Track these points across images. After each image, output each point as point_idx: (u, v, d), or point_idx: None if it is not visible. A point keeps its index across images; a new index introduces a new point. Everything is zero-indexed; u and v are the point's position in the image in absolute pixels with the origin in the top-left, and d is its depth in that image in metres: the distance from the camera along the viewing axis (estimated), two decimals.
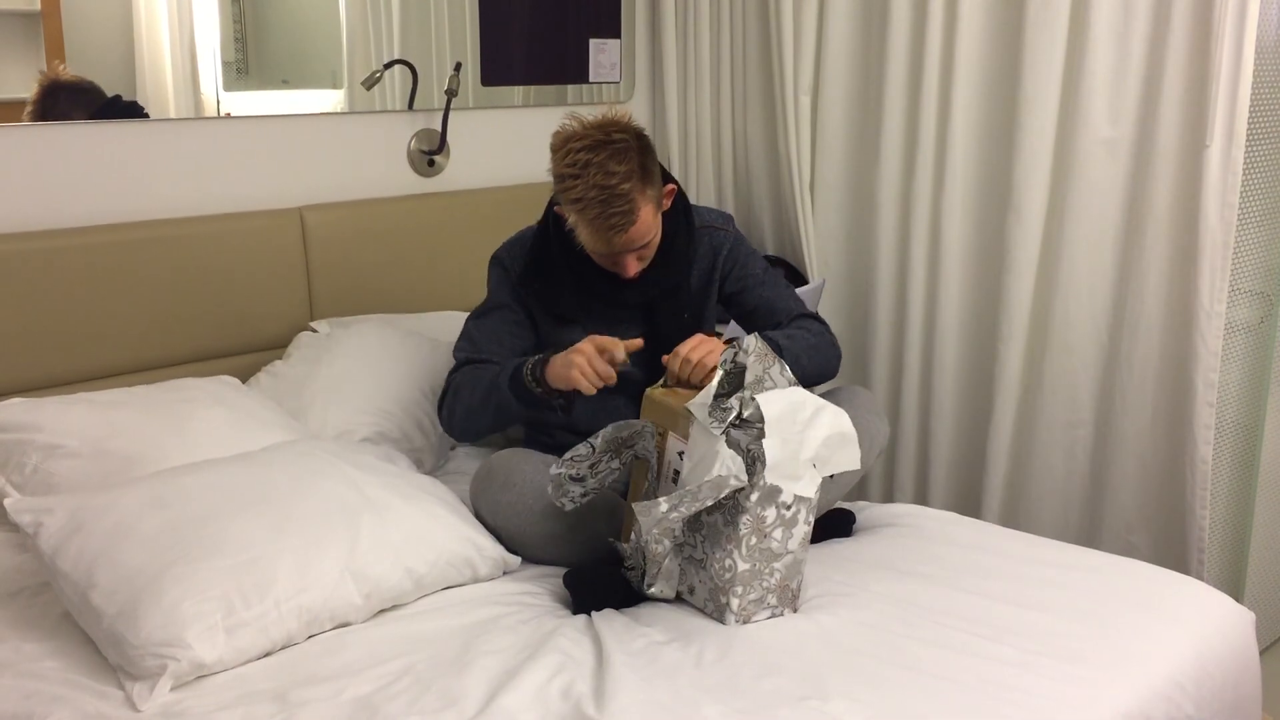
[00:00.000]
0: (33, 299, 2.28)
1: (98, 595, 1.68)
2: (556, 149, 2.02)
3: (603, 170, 1.96)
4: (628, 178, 1.97)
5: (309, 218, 2.66)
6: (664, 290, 2.21)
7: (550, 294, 2.20)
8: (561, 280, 2.19)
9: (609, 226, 2.00)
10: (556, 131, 2.04)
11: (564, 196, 2.02)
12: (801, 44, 3.02)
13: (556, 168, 2.02)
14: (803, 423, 1.78)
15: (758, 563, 1.78)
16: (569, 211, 2.03)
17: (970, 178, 2.81)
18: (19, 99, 2.32)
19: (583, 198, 1.98)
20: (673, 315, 2.23)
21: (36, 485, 2.03)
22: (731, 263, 2.28)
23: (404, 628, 1.80)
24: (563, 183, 2.01)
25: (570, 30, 3.19)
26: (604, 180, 1.96)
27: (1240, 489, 2.69)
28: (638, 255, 2.09)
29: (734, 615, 1.79)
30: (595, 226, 2.01)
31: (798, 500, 1.78)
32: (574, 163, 1.97)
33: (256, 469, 1.94)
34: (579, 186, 1.97)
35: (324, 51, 2.75)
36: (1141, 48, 2.49)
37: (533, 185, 3.11)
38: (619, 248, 2.05)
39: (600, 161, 1.96)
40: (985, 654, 1.68)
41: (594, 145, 1.97)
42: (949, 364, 2.91)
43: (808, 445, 1.78)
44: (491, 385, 2.10)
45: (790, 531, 1.80)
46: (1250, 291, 2.59)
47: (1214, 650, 1.79)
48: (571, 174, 1.98)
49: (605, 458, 1.89)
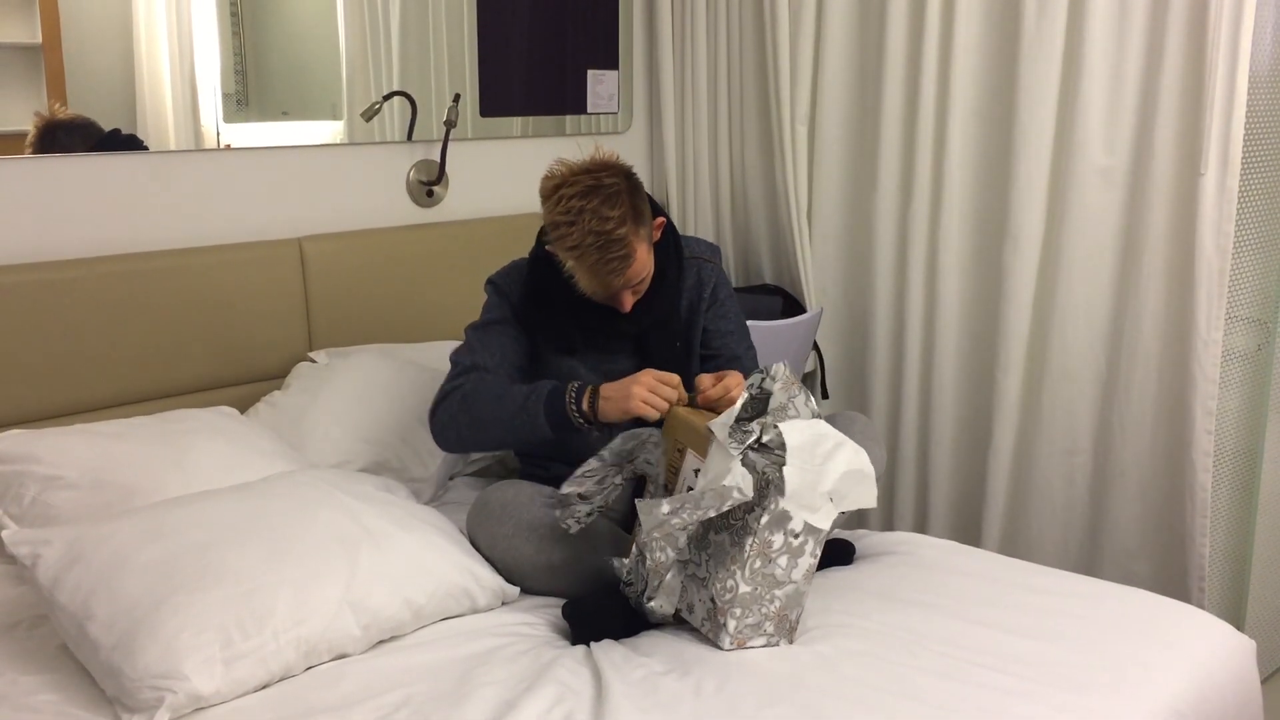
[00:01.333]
0: (31, 330, 2.28)
1: (95, 627, 1.67)
2: (547, 196, 2.03)
3: (597, 216, 1.98)
4: (622, 221, 1.99)
5: (308, 248, 2.67)
6: (656, 320, 2.22)
7: (547, 325, 2.22)
8: (558, 312, 2.20)
9: (608, 270, 2.02)
10: (546, 177, 2.05)
11: (560, 244, 2.03)
12: (798, 74, 3.04)
13: (549, 215, 2.03)
14: (823, 455, 1.79)
15: (759, 587, 1.78)
16: (566, 257, 2.05)
17: (967, 206, 2.82)
18: (20, 131, 2.33)
19: (579, 244, 2.00)
20: (665, 344, 2.25)
21: (34, 517, 2.03)
22: (714, 300, 2.31)
23: (402, 659, 1.79)
24: (557, 230, 2.02)
25: (568, 61, 3.21)
26: (599, 226, 1.98)
27: (1240, 516, 2.69)
28: (633, 290, 2.12)
29: (729, 637, 1.78)
30: (594, 271, 2.03)
31: (807, 530, 1.78)
32: (567, 210, 1.99)
33: (255, 500, 1.94)
34: (574, 234, 1.99)
35: (323, 83, 2.77)
36: (1136, 76, 2.51)
37: (531, 215, 3.11)
38: (617, 288, 2.08)
39: (594, 208, 1.98)
40: (986, 683, 1.68)
41: (585, 191, 1.99)
42: (947, 392, 2.91)
43: (826, 478, 1.78)
44: (518, 406, 2.07)
45: (795, 561, 1.80)
46: (1247, 319, 2.59)
47: (1214, 679, 1.78)
48: (566, 221, 1.99)
49: (611, 472, 1.89)
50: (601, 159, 2.05)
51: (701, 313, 2.30)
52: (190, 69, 2.54)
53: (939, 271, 2.86)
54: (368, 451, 2.42)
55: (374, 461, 2.41)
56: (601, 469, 1.89)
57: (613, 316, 2.18)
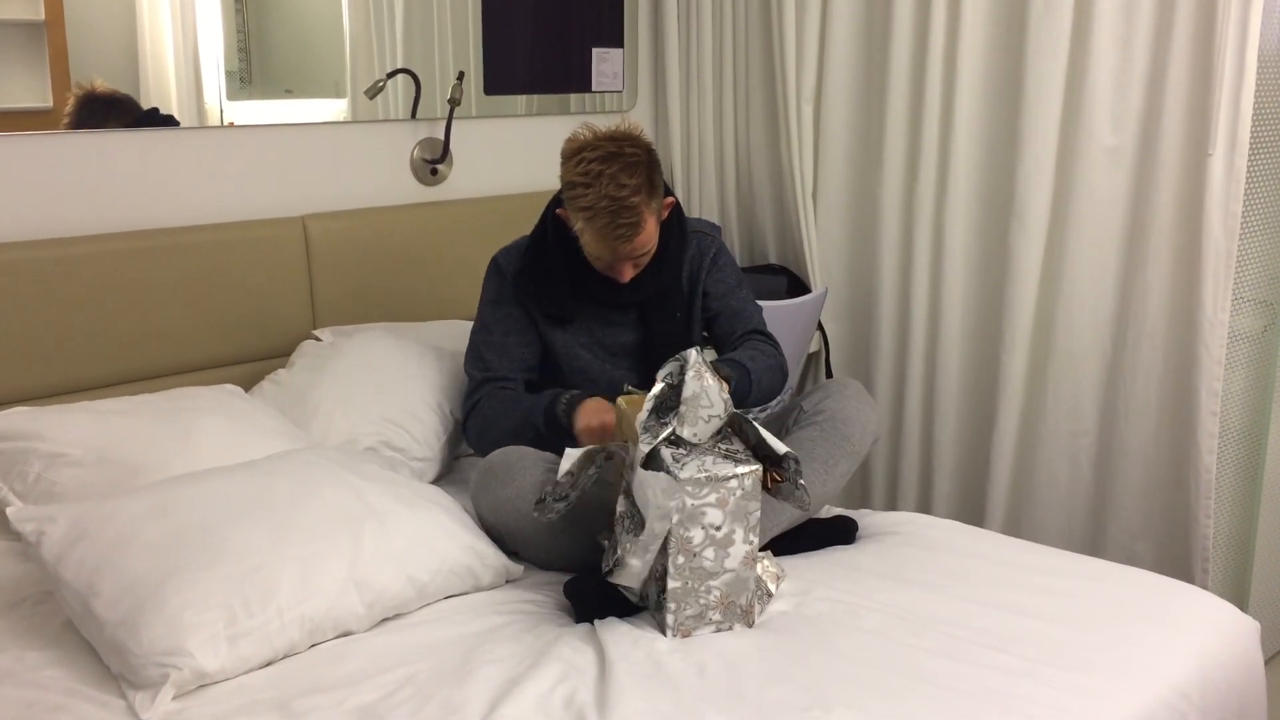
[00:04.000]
0: (35, 308, 2.28)
1: (100, 604, 1.67)
2: (569, 156, 2.09)
3: (614, 182, 2.03)
4: (636, 191, 2.05)
5: (312, 226, 2.67)
6: (656, 291, 2.27)
7: (545, 294, 2.27)
8: (557, 281, 2.25)
9: (615, 236, 2.07)
10: (569, 139, 2.11)
11: (573, 203, 2.08)
12: (804, 52, 3.03)
13: (567, 174, 2.09)
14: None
15: (690, 580, 1.78)
16: (576, 218, 2.10)
17: (973, 186, 2.81)
18: (24, 108, 2.33)
19: (593, 206, 2.05)
20: (665, 316, 2.30)
21: (39, 494, 2.03)
22: (713, 265, 2.35)
23: (406, 637, 1.79)
24: (573, 189, 2.07)
25: (573, 39, 3.20)
26: (614, 191, 2.03)
27: (1244, 497, 2.69)
28: (635, 262, 2.16)
29: (670, 630, 1.79)
30: (602, 234, 2.07)
31: (730, 519, 1.78)
32: (586, 171, 2.05)
33: (259, 478, 1.94)
34: (589, 195, 2.04)
35: (327, 61, 2.76)
36: (1144, 56, 2.49)
37: (535, 194, 3.11)
38: (622, 255, 2.12)
39: (612, 173, 2.03)
40: (989, 663, 1.68)
41: (607, 157, 2.04)
42: (952, 372, 2.90)
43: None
44: (524, 421, 2.20)
45: (725, 551, 1.79)
46: (1253, 300, 2.58)
47: (1218, 659, 1.78)
48: (583, 182, 2.05)
49: (583, 473, 1.89)
50: (626, 129, 2.11)
51: (701, 280, 2.34)
52: (194, 46, 2.53)
53: (944, 251, 2.85)
54: (372, 430, 2.41)
55: (378, 439, 2.41)
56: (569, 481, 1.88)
57: (614, 287, 2.23)
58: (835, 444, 2.15)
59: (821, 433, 2.16)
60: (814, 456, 2.13)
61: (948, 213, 2.83)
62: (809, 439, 2.15)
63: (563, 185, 2.11)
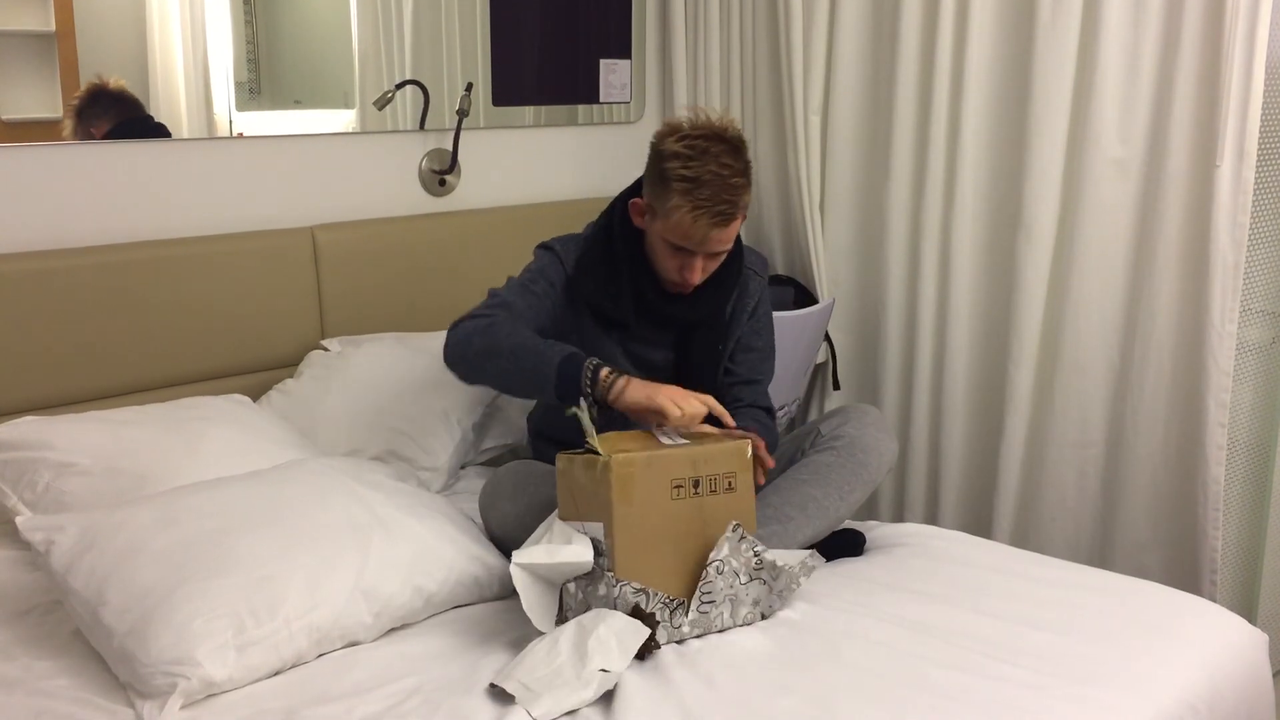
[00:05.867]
0: (44, 318, 2.29)
1: (109, 613, 1.68)
2: (667, 134, 2.01)
3: (719, 161, 1.96)
4: (740, 174, 1.99)
5: (320, 237, 2.67)
6: (706, 314, 2.19)
7: (601, 293, 2.15)
8: (618, 284, 2.14)
9: (715, 213, 1.97)
10: (666, 121, 2.04)
11: (669, 175, 1.98)
12: (811, 63, 3.03)
13: (668, 147, 1.99)
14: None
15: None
16: (669, 195, 1.99)
17: (980, 197, 2.81)
18: (35, 119, 2.34)
19: (697, 177, 1.95)
20: (707, 344, 2.22)
21: (48, 503, 2.03)
22: (753, 316, 2.28)
23: (413, 646, 1.79)
24: (673, 160, 1.98)
25: (581, 50, 3.21)
26: (720, 169, 1.96)
27: (1253, 509, 2.68)
28: (706, 266, 2.08)
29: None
30: (702, 209, 1.97)
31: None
32: (691, 146, 1.97)
33: (268, 487, 1.95)
34: (694, 166, 1.96)
35: (336, 72, 2.77)
36: (1152, 67, 2.50)
37: (544, 205, 3.12)
38: (710, 242, 2.02)
39: (718, 152, 1.97)
40: (997, 675, 1.68)
41: (712, 136, 1.98)
42: (959, 383, 2.90)
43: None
44: (537, 349, 1.94)
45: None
46: (1262, 311, 2.58)
47: (1227, 672, 1.78)
48: (688, 154, 1.97)
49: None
50: (727, 122, 2.03)
51: (741, 323, 2.27)
52: (203, 57, 2.55)
53: (952, 263, 2.85)
54: (379, 440, 2.42)
55: (385, 450, 2.41)
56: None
57: (670, 298, 2.15)
58: (852, 471, 2.14)
59: (839, 458, 2.15)
60: (830, 482, 2.12)
61: (955, 224, 2.83)
62: (825, 464, 2.15)
63: (653, 162, 2.02)
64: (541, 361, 1.91)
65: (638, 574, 1.73)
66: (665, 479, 1.77)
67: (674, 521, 1.78)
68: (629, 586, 1.73)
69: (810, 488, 2.11)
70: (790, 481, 2.12)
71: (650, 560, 1.75)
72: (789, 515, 2.07)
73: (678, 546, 1.78)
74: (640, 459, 1.75)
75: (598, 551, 1.75)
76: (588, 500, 1.77)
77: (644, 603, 1.73)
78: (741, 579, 1.81)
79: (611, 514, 1.73)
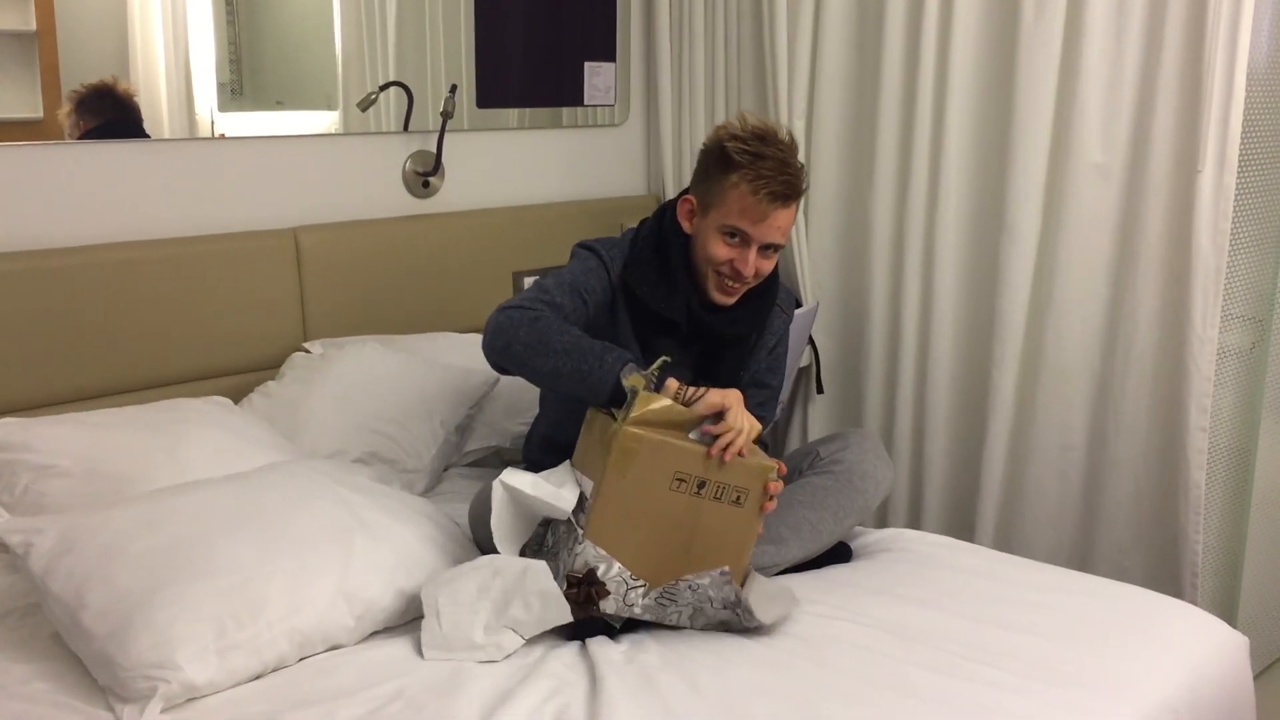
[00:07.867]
0: (24, 319, 2.28)
1: (88, 616, 1.67)
2: (722, 129, 2.03)
3: (779, 147, 1.99)
4: (798, 166, 2.01)
5: (303, 238, 2.66)
6: (742, 332, 2.15)
7: (654, 295, 2.08)
8: (672, 282, 2.09)
9: (778, 184, 1.97)
10: (719, 125, 2.06)
11: (738, 150, 1.98)
12: (796, 68, 3.04)
13: (726, 138, 2.01)
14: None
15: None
16: (731, 171, 1.99)
17: (964, 202, 2.82)
18: (15, 119, 2.32)
19: (760, 153, 1.97)
20: (733, 367, 2.17)
21: (27, 505, 2.02)
22: (771, 354, 2.25)
23: (396, 650, 1.79)
24: (734, 140, 1.99)
25: (565, 53, 3.20)
26: (780, 155, 1.98)
27: (1233, 513, 2.70)
28: (759, 264, 2.04)
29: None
30: (764, 180, 1.96)
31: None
32: (754, 133, 1.99)
33: (249, 490, 1.94)
34: (756, 144, 1.97)
35: (319, 73, 2.76)
36: (1134, 73, 2.51)
37: (528, 207, 3.11)
38: (767, 224, 1.99)
39: (776, 143, 1.99)
40: (979, 678, 1.68)
41: (769, 133, 2.00)
42: (942, 387, 2.91)
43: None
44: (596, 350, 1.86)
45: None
46: (1242, 316, 2.59)
47: (1207, 675, 1.79)
48: (751, 138, 1.99)
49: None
50: (776, 126, 2.05)
51: (760, 358, 2.23)
52: (185, 57, 2.53)
53: (935, 267, 2.86)
54: (362, 442, 2.41)
55: (368, 452, 2.40)
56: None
57: (711, 309, 2.10)
58: (848, 496, 2.15)
59: (836, 482, 2.15)
60: (825, 506, 2.12)
61: (938, 228, 2.84)
62: (822, 487, 2.15)
63: (708, 154, 2.04)
64: (600, 365, 1.84)
65: (607, 544, 1.76)
66: (669, 468, 1.77)
67: (663, 511, 1.78)
68: (595, 549, 1.75)
69: (806, 510, 2.11)
70: (786, 502, 2.09)
71: (625, 536, 1.77)
72: (782, 536, 2.06)
73: (658, 536, 1.79)
74: (650, 440, 1.76)
75: (581, 506, 1.78)
76: (593, 456, 1.81)
77: (602, 571, 1.75)
78: (715, 605, 1.82)
79: (603, 479, 1.76)
